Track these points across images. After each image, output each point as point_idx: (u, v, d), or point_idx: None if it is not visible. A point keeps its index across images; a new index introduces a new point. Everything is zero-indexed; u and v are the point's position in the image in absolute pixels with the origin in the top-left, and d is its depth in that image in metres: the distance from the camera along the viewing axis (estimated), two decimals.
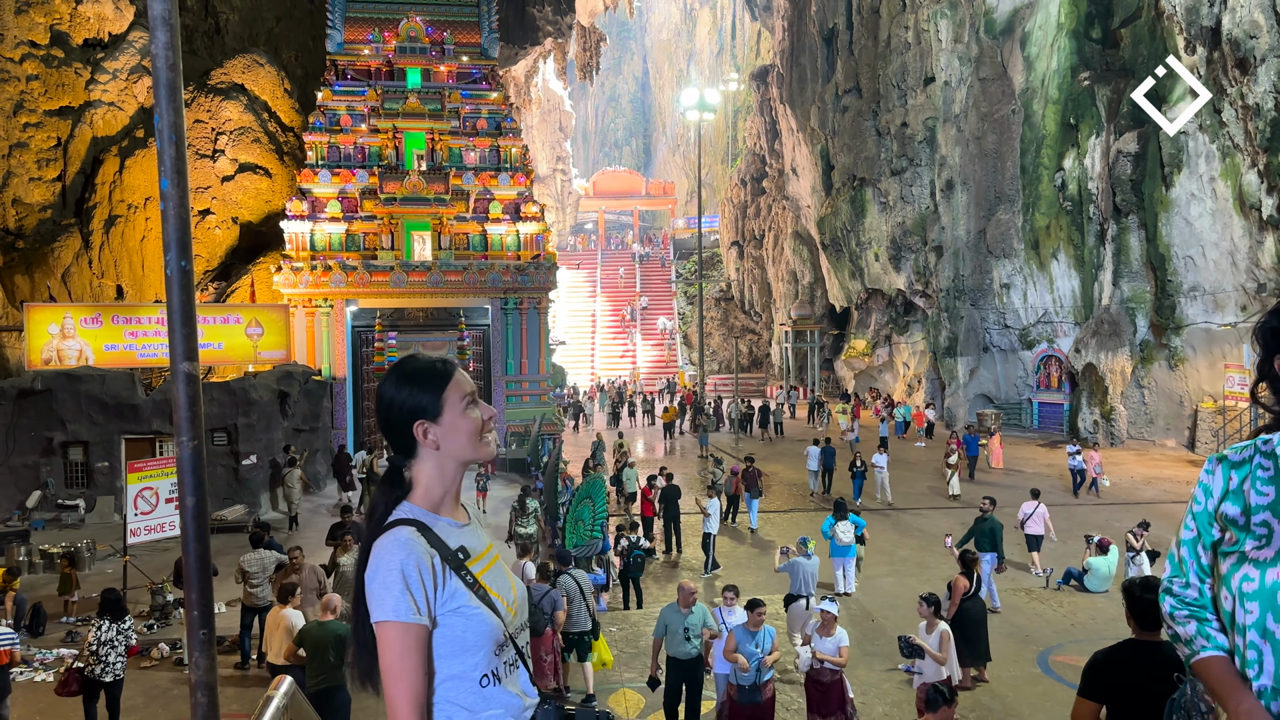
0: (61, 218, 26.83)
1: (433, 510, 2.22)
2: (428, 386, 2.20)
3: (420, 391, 2.20)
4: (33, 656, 12.56)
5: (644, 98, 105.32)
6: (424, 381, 2.21)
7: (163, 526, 14.94)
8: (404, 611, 2.03)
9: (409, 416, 2.19)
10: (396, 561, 2.05)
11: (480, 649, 2.13)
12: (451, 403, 2.21)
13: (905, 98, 37.04)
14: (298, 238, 27.45)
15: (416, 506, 2.21)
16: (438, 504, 2.23)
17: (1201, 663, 2.19)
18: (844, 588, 15.17)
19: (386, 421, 2.22)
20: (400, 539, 2.10)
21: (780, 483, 25.75)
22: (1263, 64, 25.02)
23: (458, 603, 2.11)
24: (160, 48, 2.23)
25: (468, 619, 2.12)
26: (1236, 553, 2.14)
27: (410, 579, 2.05)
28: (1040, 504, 16.38)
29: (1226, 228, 27.69)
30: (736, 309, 57.56)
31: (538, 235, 29.05)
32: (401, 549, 2.07)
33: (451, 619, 2.11)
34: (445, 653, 2.11)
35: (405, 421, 2.20)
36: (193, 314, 2.34)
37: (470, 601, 2.13)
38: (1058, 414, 33.24)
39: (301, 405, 23.87)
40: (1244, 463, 2.17)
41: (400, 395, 2.20)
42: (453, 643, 2.11)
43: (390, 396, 2.21)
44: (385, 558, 2.07)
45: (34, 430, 20.77)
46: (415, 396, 2.20)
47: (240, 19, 33.10)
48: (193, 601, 2.31)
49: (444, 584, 2.11)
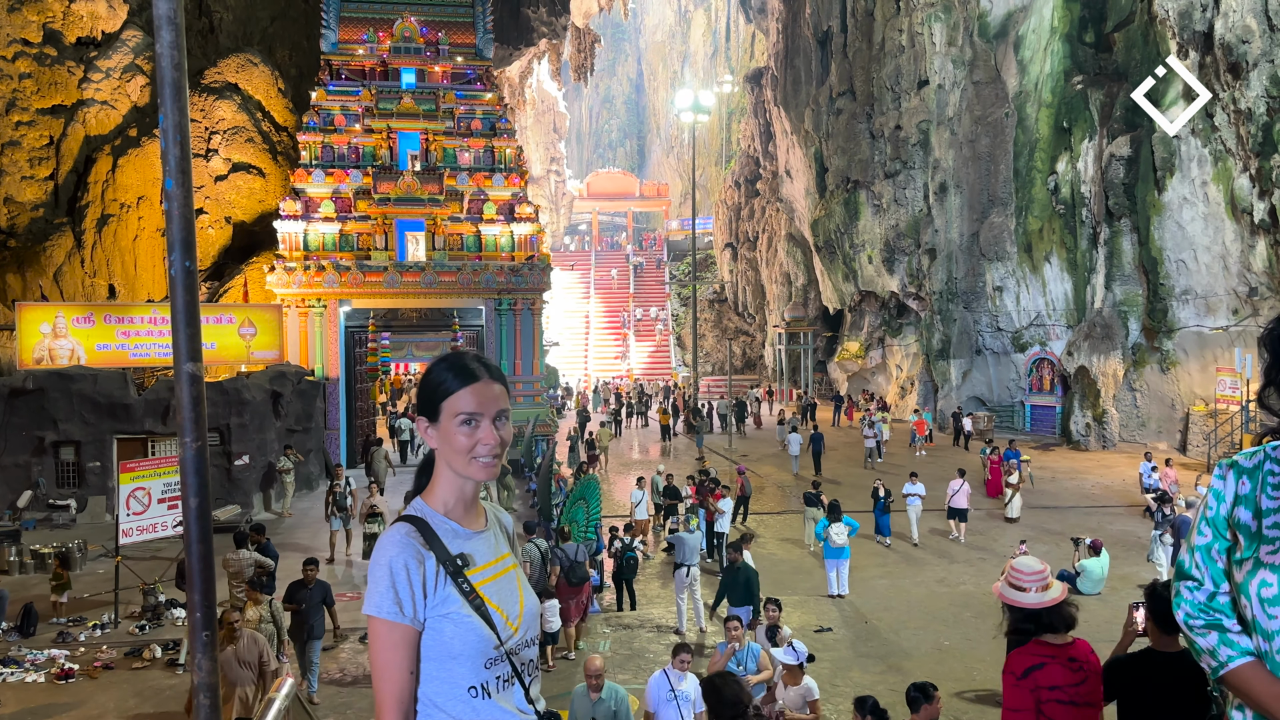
0: (54, 216, 26.71)
1: (442, 510, 2.21)
2: (440, 388, 2.19)
3: (434, 389, 2.20)
4: (23, 657, 12.51)
5: (638, 99, 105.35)
6: (440, 383, 2.20)
7: (155, 527, 14.87)
8: (386, 609, 2.04)
9: (419, 408, 2.24)
10: (387, 558, 2.07)
11: (467, 659, 2.10)
12: (448, 414, 2.17)
13: (899, 101, 37.12)
14: (291, 237, 27.37)
15: (426, 505, 2.21)
16: (447, 504, 2.22)
17: (1233, 673, 2.10)
18: (837, 590, 15.20)
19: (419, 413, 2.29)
20: (396, 537, 2.10)
21: (773, 484, 25.78)
22: (1255, 68, 25.15)
23: (449, 608, 2.09)
24: (165, 47, 2.22)
25: (456, 625, 2.09)
26: (1252, 558, 2.11)
27: (397, 578, 2.05)
28: (964, 482, 19.09)
29: (1218, 231, 27.83)
30: (730, 311, 57.60)
31: (532, 236, 29.02)
32: (394, 547, 2.08)
33: (440, 623, 2.09)
34: (430, 655, 2.09)
35: (419, 411, 2.25)
36: (196, 314, 2.32)
37: (462, 609, 2.10)
38: (1050, 417, 33.32)
39: (294, 405, 23.81)
40: (1255, 468, 2.16)
41: (423, 385, 2.25)
42: (438, 647, 2.09)
43: (421, 382, 2.27)
44: (379, 553, 2.11)
45: (25, 430, 20.68)
46: (427, 392, 2.22)
47: (234, 18, 33.00)
48: (195, 603, 2.30)
49: (436, 588, 2.09)
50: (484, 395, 2.17)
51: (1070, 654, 3.99)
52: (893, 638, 13.17)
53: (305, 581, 11.52)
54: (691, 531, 14.51)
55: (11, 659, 12.39)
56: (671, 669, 7.88)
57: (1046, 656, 3.94)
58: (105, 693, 11.55)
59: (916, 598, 15.21)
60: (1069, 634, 4.06)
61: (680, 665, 7.87)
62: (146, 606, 14.40)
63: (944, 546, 18.68)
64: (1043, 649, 3.98)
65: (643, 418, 40.38)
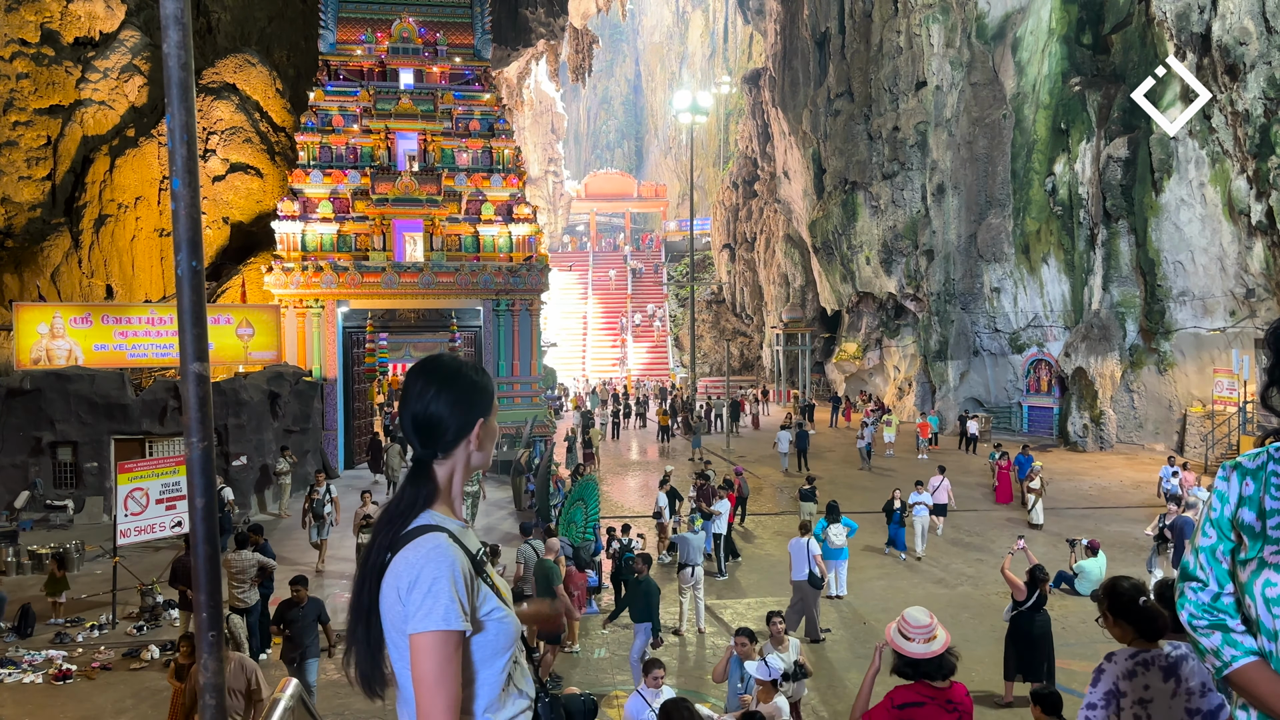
0: (51, 217, 26.68)
1: (447, 515, 2.21)
2: (489, 389, 2.27)
3: (485, 392, 2.25)
4: (20, 658, 12.48)
5: (636, 100, 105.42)
6: (488, 384, 2.28)
7: (153, 527, 14.83)
8: (454, 619, 1.99)
9: (478, 413, 2.21)
10: (444, 569, 2.02)
11: (508, 651, 2.15)
12: (495, 409, 2.28)
13: (897, 102, 37.16)
14: (289, 238, 27.35)
15: (436, 513, 2.18)
16: (452, 507, 2.23)
17: (1238, 673, 2.11)
18: (835, 591, 15.20)
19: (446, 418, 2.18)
20: (440, 546, 2.06)
21: (771, 485, 25.78)
22: (1252, 70, 25.19)
23: (489, 607, 2.12)
24: (172, 46, 2.22)
25: (499, 623, 2.13)
26: (1256, 559, 2.12)
27: (460, 586, 2.03)
28: (944, 479, 19.50)
29: (1216, 233, 27.87)
30: (728, 312, 57.64)
31: (530, 237, 29.02)
32: (444, 557, 2.04)
33: (487, 623, 2.11)
34: (480, 658, 2.10)
35: (469, 420, 2.20)
36: (203, 314, 2.32)
37: (498, 605, 2.15)
38: (1047, 418, 33.37)
39: (292, 406, 23.79)
40: (1259, 469, 2.17)
41: (473, 392, 2.22)
42: (487, 647, 2.11)
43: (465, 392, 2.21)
44: (429, 566, 2.03)
45: (22, 430, 20.62)
46: (484, 395, 2.24)
47: (232, 18, 32.96)
48: (201, 603, 2.30)
49: (478, 590, 2.12)
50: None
51: (948, 697, 4.50)
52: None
53: (296, 600, 10.80)
54: (695, 532, 14.52)
55: (9, 660, 12.37)
56: (645, 688, 7.78)
57: (927, 697, 4.50)
58: (103, 694, 11.53)
59: (915, 598, 15.20)
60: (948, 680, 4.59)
61: (653, 683, 7.74)
62: (144, 607, 14.38)
63: (939, 546, 18.67)
64: (925, 690, 4.53)
65: (641, 419, 40.44)
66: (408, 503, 2.17)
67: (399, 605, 2.03)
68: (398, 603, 2.03)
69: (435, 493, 2.20)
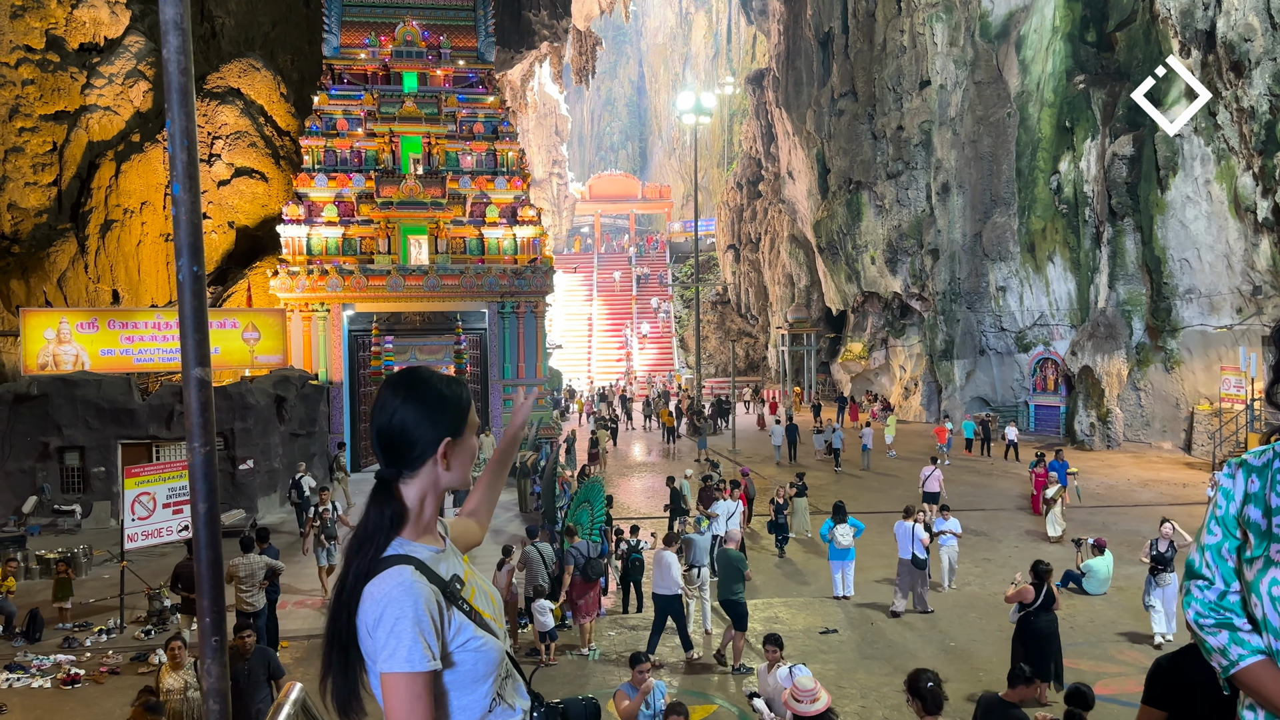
0: (57, 222, 26.77)
1: (417, 539, 2.08)
2: (459, 404, 2.12)
3: (454, 407, 2.11)
4: (29, 662, 12.52)
5: (640, 101, 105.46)
6: (458, 398, 2.12)
7: (160, 532, 14.88)
8: (418, 660, 1.90)
9: (444, 429, 2.08)
10: (406, 608, 1.92)
11: (490, 676, 2.07)
12: (470, 425, 2.14)
13: (901, 101, 37.12)
14: (294, 242, 27.41)
15: (406, 540, 2.05)
16: (424, 531, 2.11)
17: (1244, 672, 2.09)
18: (843, 591, 15.17)
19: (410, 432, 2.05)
20: (405, 582, 1.95)
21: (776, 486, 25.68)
22: (1257, 67, 25.11)
23: (464, 637, 2.02)
24: (172, 52, 2.22)
25: (477, 652, 2.04)
26: (1262, 557, 2.11)
27: (424, 626, 1.92)
28: (936, 469, 20.25)
29: (1222, 230, 27.78)
30: (733, 312, 57.62)
31: (534, 239, 29.04)
32: (406, 595, 1.93)
33: (461, 654, 2.02)
34: (457, 687, 2.03)
35: (435, 436, 2.06)
36: (205, 319, 2.32)
37: (476, 634, 2.05)
38: (1054, 416, 33.28)
39: (298, 410, 23.83)
40: (1265, 466, 2.15)
41: (440, 407, 2.09)
42: (464, 675, 2.03)
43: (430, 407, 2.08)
44: (390, 606, 1.92)
45: (30, 435, 20.69)
46: (452, 412, 2.10)
47: (236, 23, 33.06)
48: (204, 608, 2.30)
49: (450, 622, 2.01)
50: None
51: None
52: (898, 639, 13.14)
53: (241, 651, 8.72)
54: (701, 533, 14.49)
55: (18, 664, 12.40)
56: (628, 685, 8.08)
57: None
58: (111, 698, 11.54)
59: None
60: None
61: (638, 678, 7.97)
62: (152, 611, 14.41)
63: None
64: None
65: (648, 419, 40.46)
66: (374, 527, 2.04)
67: (369, 639, 1.96)
68: (368, 637, 1.95)
69: (403, 515, 2.05)
